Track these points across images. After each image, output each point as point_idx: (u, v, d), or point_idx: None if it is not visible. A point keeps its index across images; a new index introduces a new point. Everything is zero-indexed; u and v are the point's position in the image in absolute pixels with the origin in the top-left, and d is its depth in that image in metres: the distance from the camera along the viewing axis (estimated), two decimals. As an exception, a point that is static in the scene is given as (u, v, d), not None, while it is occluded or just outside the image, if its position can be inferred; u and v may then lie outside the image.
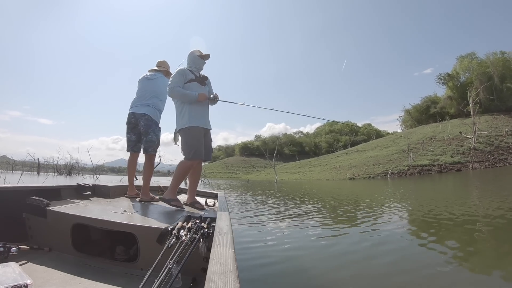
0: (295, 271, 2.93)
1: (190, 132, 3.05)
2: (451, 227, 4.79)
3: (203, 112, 3.22)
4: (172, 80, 3.13)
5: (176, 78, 3.13)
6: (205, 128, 3.20)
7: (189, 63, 3.33)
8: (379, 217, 6.01)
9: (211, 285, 0.79)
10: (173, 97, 3.17)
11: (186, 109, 3.10)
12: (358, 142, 64.95)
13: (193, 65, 3.31)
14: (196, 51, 3.35)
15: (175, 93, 3.10)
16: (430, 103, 55.15)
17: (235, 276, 0.85)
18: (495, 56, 46.45)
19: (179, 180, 3.08)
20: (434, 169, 26.13)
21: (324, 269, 3.00)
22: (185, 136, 3.09)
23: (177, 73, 3.16)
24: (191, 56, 3.33)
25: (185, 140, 3.07)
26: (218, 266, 0.93)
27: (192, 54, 3.34)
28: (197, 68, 3.33)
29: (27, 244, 2.03)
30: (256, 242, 3.99)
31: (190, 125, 3.05)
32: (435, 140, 34.79)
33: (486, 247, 3.73)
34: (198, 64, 3.34)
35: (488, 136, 32.23)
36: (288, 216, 6.28)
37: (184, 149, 3.07)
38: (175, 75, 3.16)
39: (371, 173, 28.37)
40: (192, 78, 3.19)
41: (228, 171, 76.30)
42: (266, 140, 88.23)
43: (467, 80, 48.75)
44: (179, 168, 3.08)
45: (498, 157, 28.31)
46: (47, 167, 49.85)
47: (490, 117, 39.75)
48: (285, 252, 3.55)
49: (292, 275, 2.81)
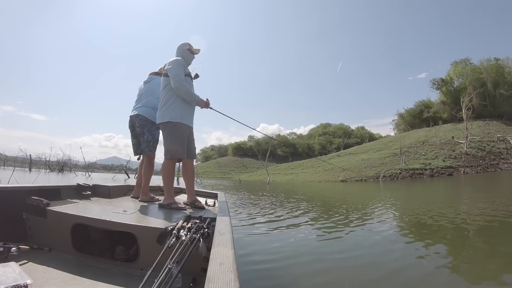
0: (290, 271, 2.93)
1: (177, 129, 2.92)
2: (440, 230, 4.82)
3: (191, 109, 3.11)
4: (177, 71, 2.92)
5: (180, 69, 2.94)
6: (191, 126, 3.10)
7: (178, 57, 3.15)
8: (370, 218, 6.10)
9: (211, 285, 0.79)
10: (179, 91, 2.90)
11: (179, 103, 2.94)
12: (351, 144, 65.19)
13: (183, 59, 3.16)
14: (186, 44, 3.22)
15: (182, 87, 2.88)
16: (424, 108, 55.80)
17: (235, 276, 0.85)
18: (489, 62, 47.03)
19: (170, 182, 2.95)
20: (426, 173, 26.18)
21: (318, 269, 2.97)
22: (172, 131, 2.92)
23: (178, 64, 2.97)
24: (180, 50, 3.20)
25: (172, 136, 2.93)
26: (218, 266, 0.93)
27: (182, 47, 3.20)
28: (186, 63, 3.17)
29: (27, 244, 2.03)
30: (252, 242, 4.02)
31: (180, 121, 2.92)
32: (427, 144, 34.85)
33: (474, 249, 3.79)
34: (187, 59, 3.21)
35: (480, 142, 32.44)
36: (278, 217, 6.27)
37: (167, 147, 2.94)
38: (177, 66, 2.95)
39: (363, 175, 28.22)
40: (187, 72, 3.07)
41: (221, 171, 76.40)
42: (259, 141, 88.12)
43: (460, 85, 49.36)
44: (164, 170, 2.96)
45: (490, 162, 28.54)
46: (39, 164, 50.78)
47: (483, 123, 40.13)
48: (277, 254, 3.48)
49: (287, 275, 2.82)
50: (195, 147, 3.29)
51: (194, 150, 3.25)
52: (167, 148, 2.95)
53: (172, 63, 2.98)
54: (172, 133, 2.92)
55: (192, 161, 3.22)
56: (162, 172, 2.97)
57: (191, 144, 3.16)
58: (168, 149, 2.93)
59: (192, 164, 3.26)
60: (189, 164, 3.19)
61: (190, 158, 3.17)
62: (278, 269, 2.93)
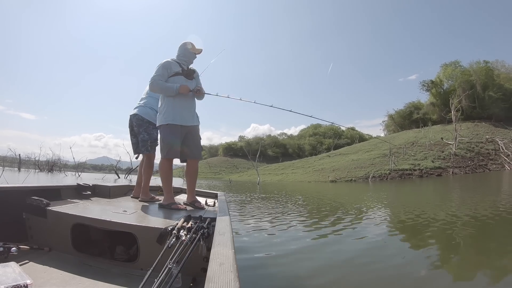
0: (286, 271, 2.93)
1: (166, 130, 2.97)
2: (427, 227, 5.03)
3: (184, 108, 3.04)
4: (154, 73, 2.98)
5: (159, 71, 2.98)
6: (184, 125, 3.02)
7: (179, 55, 3.17)
8: (364, 217, 6.25)
9: (211, 285, 0.79)
10: (153, 90, 3.06)
11: (165, 104, 2.99)
12: (342, 145, 65.18)
13: (183, 57, 3.17)
14: (188, 43, 3.19)
15: (155, 86, 2.96)
16: (413, 109, 56.10)
17: (235, 276, 0.85)
18: (479, 65, 47.46)
19: (167, 181, 3.00)
20: (415, 174, 26.27)
21: (313, 270, 2.98)
22: (162, 133, 3.02)
23: (160, 66, 3.00)
24: (182, 48, 3.18)
25: (163, 138, 3.01)
26: (218, 266, 0.93)
27: (184, 46, 3.18)
28: (186, 62, 3.18)
29: (27, 244, 2.02)
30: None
31: (166, 122, 2.94)
32: (417, 145, 34.97)
33: (462, 246, 3.96)
34: (188, 58, 3.19)
35: (469, 143, 32.71)
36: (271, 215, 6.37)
37: (161, 147, 3.04)
38: (158, 68, 3.00)
39: (353, 176, 28.24)
40: (178, 71, 3.06)
41: (211, 171, 75.96)
42: (250, 141, 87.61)
43: (450, 87, 49.69)
44: (160, 168, 3.02)
45: (478, 163, 28.87)
46: (28, 163, 50.21)
47: (472, 124, 40.58)
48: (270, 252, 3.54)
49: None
50: (200, 147, 3.26)
51: (197, 150, 3.19)
52: (160, 148, 3.05)
53: (155, 70, 3.01)
54: (164, 134, 2.99)
55: (195, 161, 3.22)
56: (159, 172, 3.03)
57: (192, 144, 3.12)
58: (161, 148, 3.02)
59: (195, 165, 3.25)
60: (192, 165, 3.22)
61: (193, 158, 3.17)
62: (278, 269, 2.95)
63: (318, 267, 3.04)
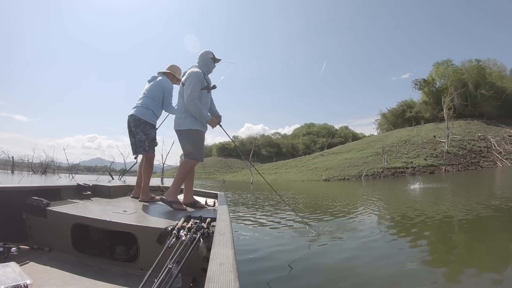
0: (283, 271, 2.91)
1: (198, 135, 3.06)
2: (420, 222, 5.10)
3: None
4: (193, 87, 2.93)
5: (196, 85, 2.94)
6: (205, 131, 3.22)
7: (202, 65, 3.15)
8: (362, 214, 6.28)
9: (211, 285, 0.79)
10: (190, 108, 2.96)
11: None
12: (335, 144, 65.33)
13: (206, 68, 3.17)
14: (209, 52, 3.21)
15: (193, 106, 2.93)
16: (406, 108, 56.40)
17: (235, 276, 0.85)
18: (470, 64, 47.81)
19: (182, 180, 3.03)
20: (408, 172, 26.32)
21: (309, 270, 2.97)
22: (194, 137, 3.05)
23: (197, 79, 2.96)
24: (204, 57, 3.17)
25: (194, 142, 3.05)
26: (218, 266, 0.93)
27: (206, 55, 3.18)
28: (208, 71, 3.20)
29: (27, 244, 2.02)
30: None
31: (199, 128, 3.04)
32: (409, 144, 35.08)
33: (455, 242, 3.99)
34: (210, 67, 3.22)
35: (461, 140, 32.84)
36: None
37: (190, 150, 3.04)
38: (196, 82, 2.95)
39: (346, 174, 28.27)
40: (205, 85, 3.05)
41: (205, 171, 75.78)
42: (243, 141, 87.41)
43: (442, 86, 50.11)
44: (185, 168, 3.02)
45: (471, 160, 28.99)
46: (21, 166, 49.64)
47: (464, 122, 40.79)
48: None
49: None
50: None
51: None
52: (190, 151, 3.02)
53: (191, 76, 2.96)
54: (199, 139, 3.06)
55: (196, 162, 3.24)
56: (180, 169, 3.02)
57: None
58: (194, 151, 3.02)
59: (194, 165, 3.32)
60: None
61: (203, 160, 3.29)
62: (278, 269, 2.95)
63: (318, 267, 3.05)
